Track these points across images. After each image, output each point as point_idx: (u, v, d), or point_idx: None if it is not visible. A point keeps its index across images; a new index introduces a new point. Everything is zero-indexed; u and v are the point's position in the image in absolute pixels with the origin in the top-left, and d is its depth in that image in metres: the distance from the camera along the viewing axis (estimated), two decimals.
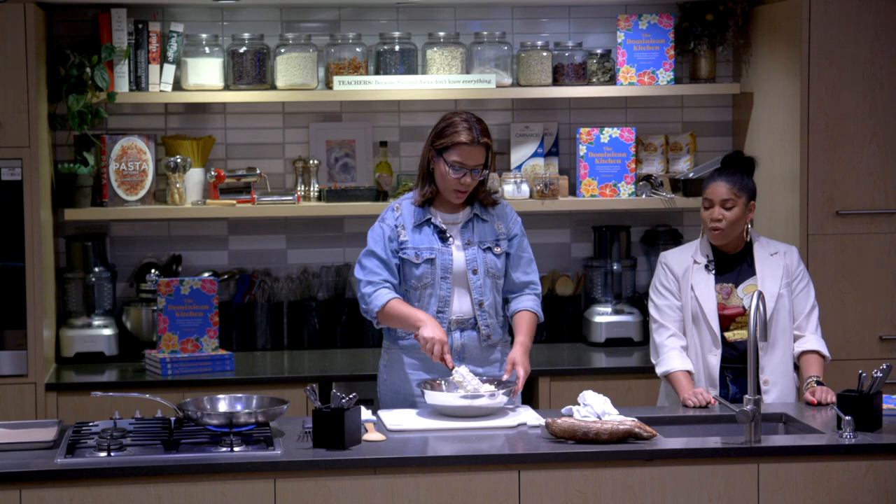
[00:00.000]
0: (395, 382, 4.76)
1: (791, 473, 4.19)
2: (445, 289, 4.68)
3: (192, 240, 6.10)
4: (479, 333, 4.72)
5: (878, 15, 5.56)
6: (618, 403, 4.42)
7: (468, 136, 4.60)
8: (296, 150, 6.13)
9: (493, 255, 4.73)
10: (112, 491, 3.99)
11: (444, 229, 4.70)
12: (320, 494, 4.06)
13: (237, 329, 5.99)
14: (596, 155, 6.03)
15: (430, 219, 4.71)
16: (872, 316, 5.63)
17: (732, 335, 4.79)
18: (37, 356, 5.41)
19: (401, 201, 4.76)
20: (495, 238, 4.74)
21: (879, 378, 4.34)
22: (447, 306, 4.69)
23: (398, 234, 4.69)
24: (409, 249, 4.69)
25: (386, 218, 4.73)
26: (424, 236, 4.70)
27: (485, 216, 4.74)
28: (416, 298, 4.69)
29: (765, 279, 4.79)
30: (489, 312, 4.72)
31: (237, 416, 4.20)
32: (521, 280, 4.79)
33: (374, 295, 4.64)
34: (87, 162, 5.71)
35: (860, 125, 5.59)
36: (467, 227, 4.73)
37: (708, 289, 4.80)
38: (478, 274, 4.70)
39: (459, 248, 4.70)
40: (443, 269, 4.68)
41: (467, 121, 4.64)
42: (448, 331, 4.68)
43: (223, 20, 6.05)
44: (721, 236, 4.79)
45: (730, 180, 4.78)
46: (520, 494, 4.12)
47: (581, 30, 6.22)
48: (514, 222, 4.79)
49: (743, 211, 4.77)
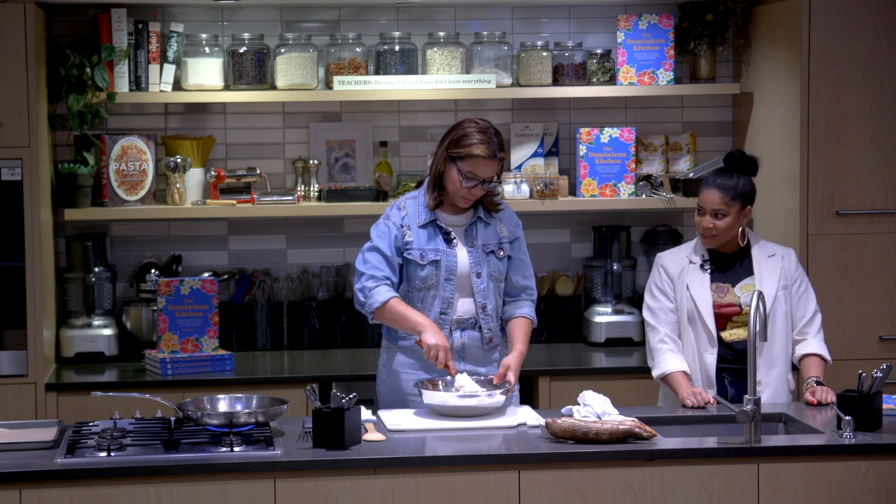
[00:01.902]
0: (394, 382, 4.76)
1: (791, 473, 4.19)
2: (449, 291, 4.68)
3: (192, 240, 6.10)
4: (481, 335, 4.72)
5: (878, 15, 5.56)
6: (618, 403, 4.42)
7: (486, 151, 4.57)
8: (296, 150, 6.13)
9: (496, 258, 4.73)
10: (112, 491, 3.99)
11: (450, 231, 4.70)
12: (320, 494, 4.06)
13: (237, 329, 5.99)
14: (596, 155, 6.03)
15: (436, 220, 4.70)
16: (872, 316, 5.63)
17: (729, 335, 4.78)
18: (37, 356, 5.41)
19: (405, 200, 4.75)
20: (498, 241, 4.74)
21: (879, 378, 4.34)
22: (450, 308, 4.69)
23: (403, 234, 4.68)
24: (414, 250, 4.68)
25: (391, 216, 4.71)
26: (429, 237, 4.69)
27: (487, 219, 4.74)
28: (419, 300, 4.69)
29: (763, 279, 4.78)
30: (491, 315, 4.73)
31: (237, 416, 4.20)
32: (520, 284, 4.79)
33: (374, 290, 4.63)
34: (87, 162, 5.71)
35: (860, 125, 5.59)
36: (471, 230, 4.72)
37: (703, 287, 4.79)
38: (482, 277, 4.70)
39: (463, 250, 4.70)
40: (447, 272, 4.67)
41: (485, 132, 4.60)
42: (449, 330, 4.68)
43: (223, 20, 6.05)
44: (712, 242, 4.80)
45: (723, 188, 4.73)
46: (520, 494, 4.12)
47: (581, 30, 6.22)
48: (515, 225, 4.79)
49: (736, 219, 4.75)
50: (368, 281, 4.64)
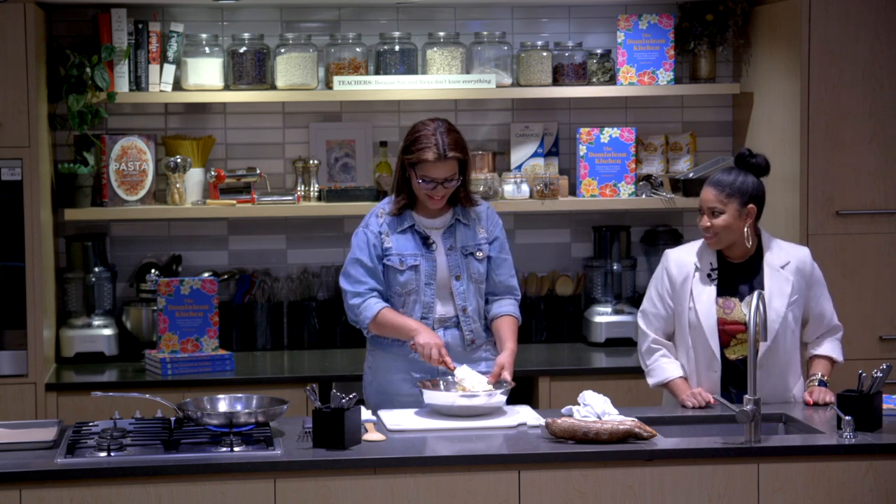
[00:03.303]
0: (380, 384, 4.78)
1: (791, 473, 4.19)
2: (430, 295, 4.69)
3: (192, 240, 6.10)
4: (461, 335, 4.73)
5: (878, 15, 5.56)
6: (618, 403, 4.42)
7: (433, 154, 4.56)
8: (296, 150, 6.13)
9: (475, 260, 4.73)
10: (112, 491, 3.99)
11: (428, 235, 4.70)
12: (320, 494, 4.06)
13: (237, 329, 5.99)
14: (596, 155, 6.03)
15: (413, 225, 4.70)
16: (872, 316, 5.63)
17: (733, 353, 4.64)
18: (37, 356, 5.41)
19: (384, 205, 4.76)
20: (476, 243, 4.73)
21: (879, 378, 4.34)
22: (431, 312, 4.70)
23: (382, 241, 4.69)
24: (393, 256, 4.68)
25: (370, 224, 4.72)
26: (408, 242, 4.69)
27: (465, 220, 4.73)
28: (400, 304, 4.70)
29: (772, 297, 4.60)
30: (472, 317, 4.74)
31: (237, 416, 4.20)
32: (504, 283, 4.79)
33: (362, 306, 4.66)
34: (87, 162, 5.71)
35: (860, 125, 5.59)
36: (449, 232, 4.72)
37: (708, 302, 4.63)
38: (461, 280, 4.71)
39: (442, 253, 4.70)
40: (427, 276, 4.69)
41: (434, 135, 4.58)
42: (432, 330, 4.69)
43: (223, 20, 6.05)
44: (714, 243, 4.64)
45: (717, 185, 4.59)
46: (520, 494, 4.12)
47: (581, 30, 6.22)
48: (494, 224, 4.78)
49: (735, 216, 4.58)
50: (354, 299, 4.67)
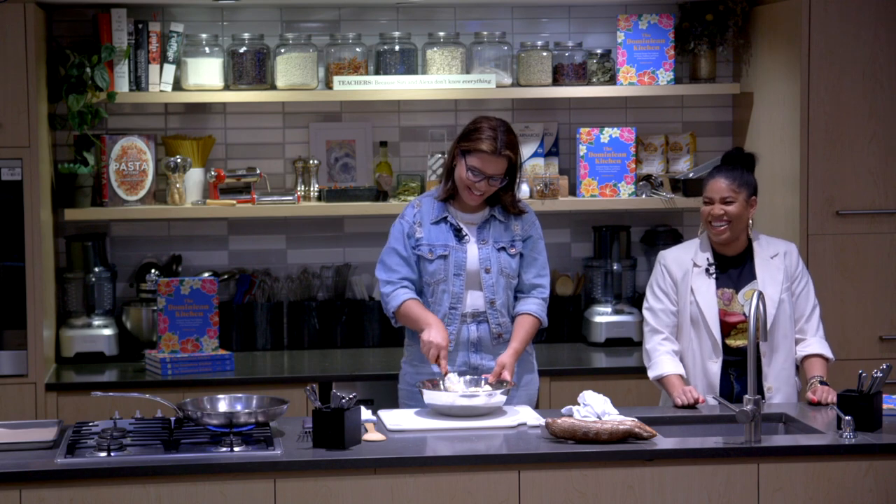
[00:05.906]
0: (411, 377, 4.82)
1: (791, 473, 4.19)
2: (458, 286, 4.74)
3: (192, 240, 6.10)
4: (489, 330, 4.75)
5: (878, 15, 5.56)
6: (618, 403, 4.43)
7: (489, 146, 4.65)
8: (296, 150, 6.13)
9: (507, 254, 4.78)
10: (112, 491, 3.99)
11: (461, 227, 4.76)
12: (320, 494, 4.06)
13: (237, 329, 5.99)
14: (596, 155, 6.03)
15: (448, 217, 4.76)
16: (872, 316, 5.63)
17: (734, 341, 4.77)
18: (37, 356, 5.41)
19: (422, 198, 4.85)
20: (511, 239, 4.79)
21: (879, 378, 4.34)
22: (459, 303, 4.75)
23: (414, 231, 4.76)
24: (423, 246, 4.76)
25: (406, 214, 4.82)
26: (440, 233, 4.76)
27: (503, 218, 4.79)
28: (429, 294, 4.77)
29: (765, 284, 4.77)
30: (500, 311, 4.77)
31: (237, 416, 4.20)
32: (531, 282, 4.83)
33: (391, 295, 4.74)
34: (87, 162, 5.71)
35: (860, 125, 5.59)
36: (484, 227, 4.79)
37: (709, 294, 4.78)
38: (490, 273, 4.75)
39: (474, 245, 4.75)
40: (456, 267, 4.74)
41: (494, 129, 4.69)
42: (463, 322, 4.74)
43: (223, 20, 6.05)
44: (725, 233, 4.75)
45: (729, 176, 4.76)
46: (520, 494, 4.12)
47: (581, 30, 6.22)
48: (531, 224, 4.85)
49: (744, 206, 4.75)
50: (386, 287, 4.76)
